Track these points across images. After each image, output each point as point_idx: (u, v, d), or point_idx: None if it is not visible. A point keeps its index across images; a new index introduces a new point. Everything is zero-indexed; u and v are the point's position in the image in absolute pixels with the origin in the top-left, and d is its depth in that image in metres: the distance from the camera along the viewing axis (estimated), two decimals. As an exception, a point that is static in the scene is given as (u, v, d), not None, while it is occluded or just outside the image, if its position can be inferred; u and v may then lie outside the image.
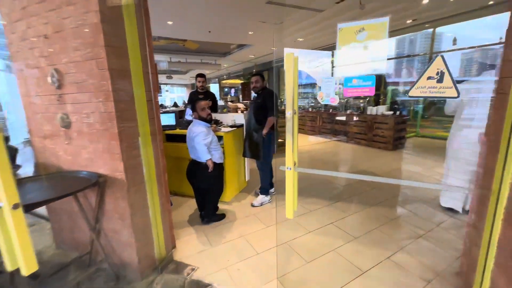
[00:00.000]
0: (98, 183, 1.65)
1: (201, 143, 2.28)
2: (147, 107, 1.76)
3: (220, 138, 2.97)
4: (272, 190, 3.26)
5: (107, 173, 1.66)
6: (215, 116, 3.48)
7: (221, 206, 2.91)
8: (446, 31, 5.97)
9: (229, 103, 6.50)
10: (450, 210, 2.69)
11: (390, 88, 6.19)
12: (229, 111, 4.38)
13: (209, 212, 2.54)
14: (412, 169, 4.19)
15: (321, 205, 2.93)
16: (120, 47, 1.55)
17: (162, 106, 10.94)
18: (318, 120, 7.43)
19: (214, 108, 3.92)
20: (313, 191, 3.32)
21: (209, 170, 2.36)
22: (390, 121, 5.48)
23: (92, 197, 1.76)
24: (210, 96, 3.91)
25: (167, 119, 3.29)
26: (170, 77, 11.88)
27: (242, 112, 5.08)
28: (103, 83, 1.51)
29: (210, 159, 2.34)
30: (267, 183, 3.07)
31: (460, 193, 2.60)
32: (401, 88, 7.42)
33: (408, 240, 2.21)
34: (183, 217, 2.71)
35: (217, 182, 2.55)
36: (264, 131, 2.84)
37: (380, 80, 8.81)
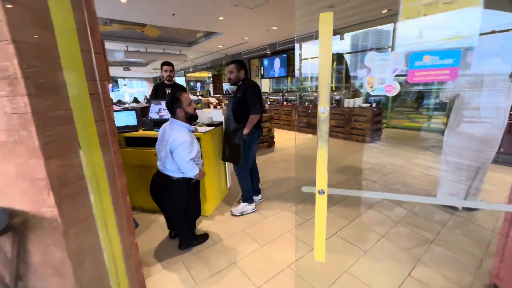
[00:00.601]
0: (13, 227, 1.04)
1: (185, 158, 1.71)
2: (92, 104, 1.18)
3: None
4: (259, 197, 2.84)
5: (27, 210, 1.06)
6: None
7: (201, 222, 2.40)
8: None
9: (200, 97, 5.86)
10: (447, 206, 2.57)
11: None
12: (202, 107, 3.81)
13: (187, 238, 2.01)
14: (395, 162, 4.11)
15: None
16: (34, 5, 0.95)
17: (120, 102, 9.71)
18: (294, 114, 7.18)
19: (186, 103, 3.34)
20: (299, 193, 2.99)
21: (198, 178, 1.86)
22: (367, 113, 5.42)
23: (7, 243, 1.14)
24: (180, 90, 3.30)
25: (127, 119, 2.63)
26: (127, 69, 10.60)
27: (215, 107, 4.53)
28: (5, 66, 0.90)
29: (200, 169, 1.84)
30: (249, 190, 2.62)
31: (462, 190, 2.47)
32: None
33: (420, 247, 1.98)
34: (153, 242, 2.14)
35: (194, 202, 2.03)
36: (245, 131, 2.37)
37: (347, 72, 8.87)
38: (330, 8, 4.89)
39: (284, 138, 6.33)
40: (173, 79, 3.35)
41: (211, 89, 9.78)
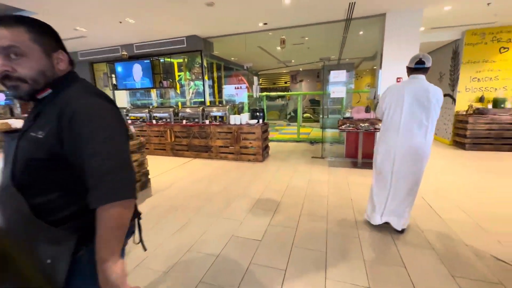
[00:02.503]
0: None
1: None
2: None
3: None
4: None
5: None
6: None
7: None
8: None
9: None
10: (382, 229, 2.31)
11: (246, 94, 5.80)
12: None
13: None
14: (299, 182, 3.80)
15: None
16: None
17: None
18: (169, 135, 5.69)
19: None
20: (222, 272, 1.81)
21: None
22: (257, 130, 5.00)
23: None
24: None
25: None
26: None
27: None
28: None
29: None
30: None
31: (407, 210, 2.26)
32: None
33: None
34: None
35: None
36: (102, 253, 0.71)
37: (219, 85, 8.52)
38: (209, 6, 4.04)
39: (161, 169, 4.72)
40: None
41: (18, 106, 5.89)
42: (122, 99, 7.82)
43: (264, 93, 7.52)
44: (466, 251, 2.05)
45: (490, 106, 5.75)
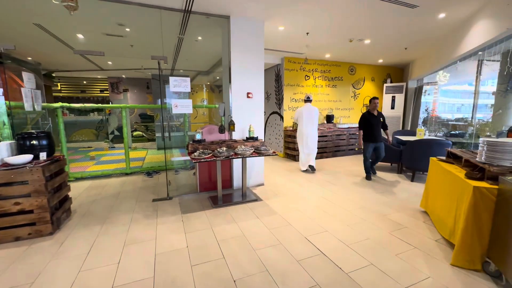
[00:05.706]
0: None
1: None
2: None
3: None
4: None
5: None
6: None
7: None
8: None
9: None
10: None
11: (4, 104, 2.83)
12: None
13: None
14: (137, 272, 2.03)
15: None
16: None
17: None
18: None
19: None
20: None
21: None
22: (32, 177, 2.50)
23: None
24: None
25: None
26: None
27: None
28: None
29: None
30: None
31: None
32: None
33: None
34: None
35: None
36: None
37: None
38: None
39: None
40: None
41: None
42: None
43: (59, 104, 4.64)
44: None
45: (305, 122, 6.89)
